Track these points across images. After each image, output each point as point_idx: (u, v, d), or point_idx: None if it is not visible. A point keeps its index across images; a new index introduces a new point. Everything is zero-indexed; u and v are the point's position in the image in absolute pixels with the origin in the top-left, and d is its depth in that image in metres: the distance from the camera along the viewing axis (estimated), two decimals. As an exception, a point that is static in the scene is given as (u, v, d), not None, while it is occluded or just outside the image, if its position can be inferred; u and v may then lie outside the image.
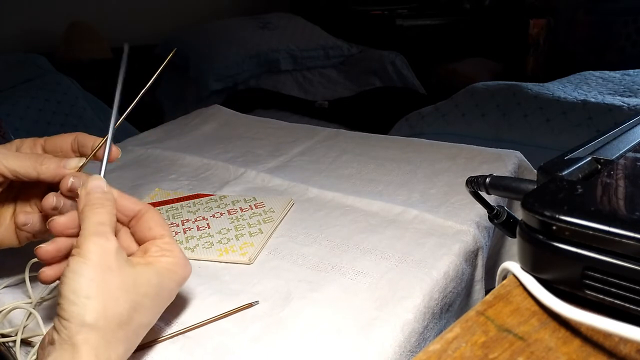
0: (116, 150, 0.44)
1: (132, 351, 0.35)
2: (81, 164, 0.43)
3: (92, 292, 0.32)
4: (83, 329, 0.32)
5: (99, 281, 0.33)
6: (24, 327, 0.42)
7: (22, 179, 0.42)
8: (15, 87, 1.79)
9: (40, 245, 0.38)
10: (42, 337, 0.41)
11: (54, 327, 0.33)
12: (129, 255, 0.38)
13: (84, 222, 0.36)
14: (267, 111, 2.05)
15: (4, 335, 0.43)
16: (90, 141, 0.45)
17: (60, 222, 0.38)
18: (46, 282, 0.39)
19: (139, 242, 0.40)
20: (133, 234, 0.41)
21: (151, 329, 0.37)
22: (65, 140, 0.45)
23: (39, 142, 0.46)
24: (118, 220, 0.40)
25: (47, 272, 0.39)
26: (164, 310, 0.38)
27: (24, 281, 0.47)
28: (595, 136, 0.39)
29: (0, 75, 1.79)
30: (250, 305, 0.43)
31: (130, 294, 0.34)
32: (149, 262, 0.37)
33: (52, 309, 0.44)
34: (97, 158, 0.44)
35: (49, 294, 0.46)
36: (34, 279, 0.45)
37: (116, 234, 0.39)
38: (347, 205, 0.62)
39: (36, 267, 0.44)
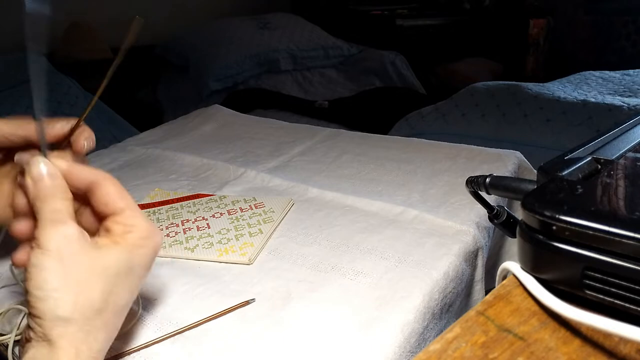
0: (89, 134, 0.40)
1: (115, 334, 0.34)
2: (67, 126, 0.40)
3: (59, 284, 0.31)
4: (57, 323, 0.30)
5: (64, 271, 0.31)
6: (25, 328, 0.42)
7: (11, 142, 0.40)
8: (15, 87, 1.79)
9: (15, 223, 0.35)
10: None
11: (28, 325, 0.32)
12: (93, 235, 0.35)
13: (37, 213, 0.33)
14: (267, 111, 2.05)
15: (1, 335, 0.43)
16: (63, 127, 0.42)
17: (19, 228, 0.35)
18: (19, 266, 0.36)
19: (99, 219, 0.36)
20: (92, 210, 0.37)
21: (149, 330, 0.37)
22: (26, 126, 0.43)
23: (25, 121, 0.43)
24: (75, 198, 0.35)
25: (19, 256, 0.35)
26: (140, 286, 0.36)
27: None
28: (595, 136, 0.39)
29: (0, 75, 1.79)
30: (247, 302, 0.42)
31: (101, 277, 0.32)
32: (115, 241, 0.34)
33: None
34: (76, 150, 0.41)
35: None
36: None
37: (76, 214, 0.36)
38: (347, 205, 0.62)
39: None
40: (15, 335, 0.41)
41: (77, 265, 0.32)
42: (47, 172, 0.34)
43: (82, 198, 0.36)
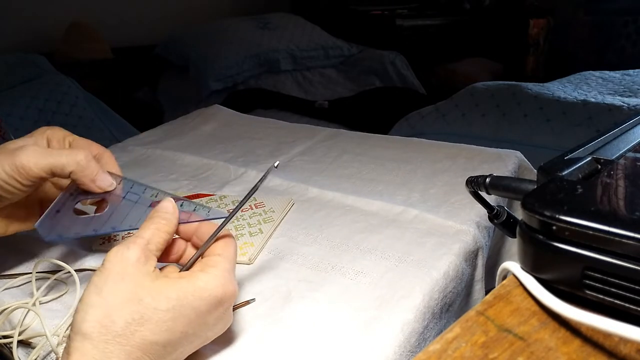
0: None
1: None
2: (113, 182, 0.43)
3: (96, 301, 0.32)
4: (77, 336, 0.31)
5: (106, 290, 0.32)
6: (27, 328, 0.42)
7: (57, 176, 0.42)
8: (15, 87, 1.79)
9: None
10: (43, 337, 0.41)
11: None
12: None
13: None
14: (267, 111, 2.05)
15: (5, 336, 0.43)
16: (111, 167, 0.45)
17: None
18: None
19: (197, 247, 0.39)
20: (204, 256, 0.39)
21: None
22: (91, 151, 0.44)
23: (68, 139, 0.46)
24: (194, 246, 0.40)
25: None
26: (195, 333, 0.34)
27: (24, 282, 0.47)
28: (595, 136, 0.39)
29: (0, 75, 1.79)
30: (247, 302, 0.42)
31: (137, 305, 0.32)
32: (181, 276, 0.35)
33: (53, 311, 0.44)
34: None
35: (47, 295, 0.46)
36: (37, 280, 0.45)
37: (184, 252, 0.39)
38: (347, 205, 0.62)
39: (40, 267, 0.44)
40: (19, 335, 0.41)
41: (120, 287, 0.32)
42: (163, 207, 0.38)
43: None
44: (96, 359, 0.31)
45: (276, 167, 0.38)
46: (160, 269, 0.36)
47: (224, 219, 0.39)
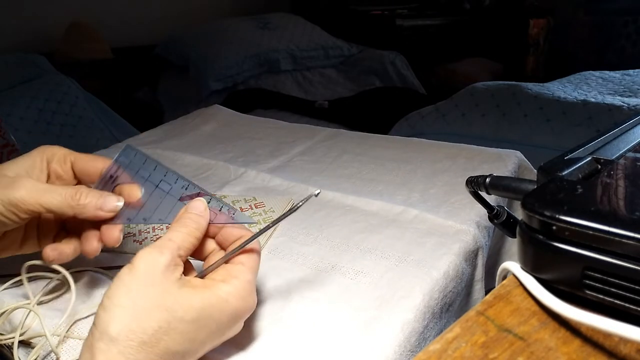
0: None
1: None
2: (120, 204, 0.41)
3: (125, 303, 0.31)
4: (104, 338, 0.31)
5: (136, 293, 0.32)
6: (28, 329, 0.42)
7: (55, 215, 0.41)
8: (15, 87, 1.79)
9: None
10: (43, 338, 0.41)
11: (89, 330, 0.32)
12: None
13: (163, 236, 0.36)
14: (267, 111, 2.05)
15: (5, 337, 0.43)
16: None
17: None
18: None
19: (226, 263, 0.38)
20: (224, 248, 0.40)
21: None
22: (96, 166, 0.43)
23: (69, 159, 0.44)
24: (219, 245, 0.40)
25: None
26: (211, 343, 0.35)
27: (25, 282, 0.47)
28: (595, 136, 0.39)
29: (0, 75, 1.79)
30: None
31: (164, 314, 0.32)
32: (205, 285, 0.34)
33: (54, 311, 0.44)
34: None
35: (47, 295, 0.46)
36: (32, 280, 0.45)
37: (211, 254, 0.39)
38: (347, 205, 0.62)
39: (33, 268, 0.44)
40: (20, 335, 0.41)
41: (150, 293, 0.32)
42: (198, 208, 0.38)
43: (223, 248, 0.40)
44: None
45: (316, 196, 0.38)
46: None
47: (253, 233, 0.38)
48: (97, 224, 0.42)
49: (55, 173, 0.43)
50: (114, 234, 0.41)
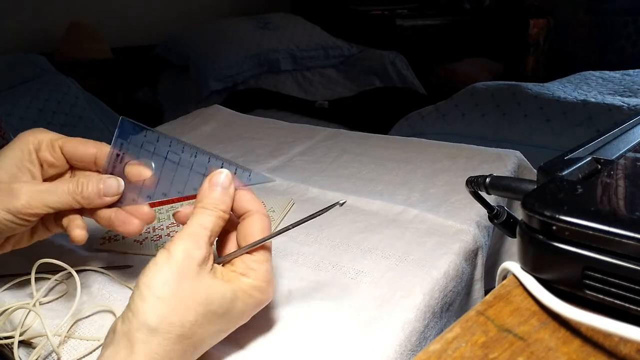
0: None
1: None
2: (121, 184, 0.41)
3: (165, 294, 0.32)
4: (143, 328, 0.31)
5: (176, 285, 0.32)
6: (28, 329, 0.42)
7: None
8: (15, 87, 1.79)
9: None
10: (44, 338, 0.41)
11: (122, 315, 0.32)
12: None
13: (191, 218, 0.35)
14: (267, 111, 2.05)
15: (6, 337, 0.43)
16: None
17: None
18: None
19: (239, 245, 0.38)
20: (237, 237, 0.39)
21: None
22: (87, 151, 0.42)
23: (57, 144, 0.42)
24: (231, 221, 0.39)
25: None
26: (229, 332, 0.36)
27: (25, 282, 0.47)
28: (595, 136, 0.39)
29: (0, 75, 1.79)
30: None
31: (200, 307, 0.32)
32: (229, 279, 0.35)
33: (54, 311, 0.44)
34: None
35: (48, 296, 0.46)
36: (38, 280, 0.45)
37: (224, 237, 0.39)
38: (348, 204, 0.62)
39: (41, 267, 0.44)
40: (20, 335, 0.41)
41: (187, 285, 0.32)
42: (223, 184, 0.37)
43: (234, 224, 0.39)
44: (161, 356, 0.31)
45: (341, 206, 0.37)
46: None
47: (273, 231, 0.38)
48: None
49: (47, 161, 0.42)
50: (144, 210, 0.41)
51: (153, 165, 0.41)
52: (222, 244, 0.40)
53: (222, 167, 0.39)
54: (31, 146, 0.41)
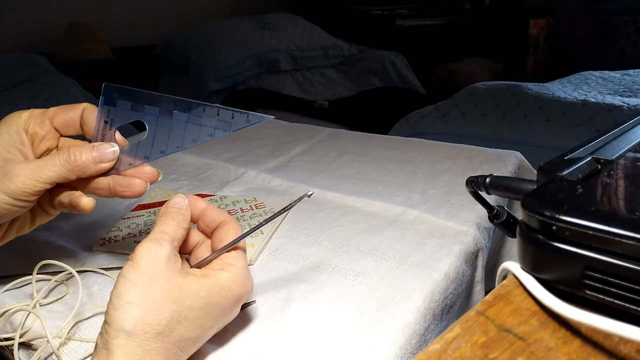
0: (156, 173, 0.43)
1: None
2: (115, 148, 0.40)
3: (135, 298, 0.32)
4: (120, 334, 0.31)
5: (144, 288, 0.33)
6: (28, 330, 0.42)
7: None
8: (15, 87, 1.79)
9: None
10: (44, 339, 0.41)
11: (100, 329, 0.33)
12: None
13: (151, 230, 0.36)
14: (267, 111, 2.05)
15: (6, 339, 0.43)
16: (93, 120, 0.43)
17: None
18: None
19: (214, 250, 0.39)
20: (212, 244, 0.40)
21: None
22: (73, 116, 0.42)
23: (46, 117, 0.42)
24: (203, 232, 0.41)
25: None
26: (216, 327, 0.37)
27: (25, 283, 0.47)
28: (595, 136, 0.39)
29: (0, 75, 1.79)
30: (248, 304, 0.42)
31: (173, 304, 0.33)
32: (205, 274, 0.36)
33: (54, 312, 0.44)
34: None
35: (48, 297, 0.46)
36: (38, 281, 0.45)
37: (196, 247, 0.40)
38: (348, 205, 0.62)
39: (41, 268, 0.44)
40: (20, 337, 0.41)
41: (157, 285, 0.33)
42: (177, 203, 0.38)
43: (207, 235, 0.41)
44: (140, 356, 0.31)
45: (309, 197, 0.38)
46: None
47: (230, 217, 0.40)
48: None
49: (38, 135, 0.42)
50: (145, 170, 0.42)
51: (146, 126, 0.41)
52: (199, 253, 0.40)
53: (217, 114, 0.40)
54: (19, 127, 0.41)
